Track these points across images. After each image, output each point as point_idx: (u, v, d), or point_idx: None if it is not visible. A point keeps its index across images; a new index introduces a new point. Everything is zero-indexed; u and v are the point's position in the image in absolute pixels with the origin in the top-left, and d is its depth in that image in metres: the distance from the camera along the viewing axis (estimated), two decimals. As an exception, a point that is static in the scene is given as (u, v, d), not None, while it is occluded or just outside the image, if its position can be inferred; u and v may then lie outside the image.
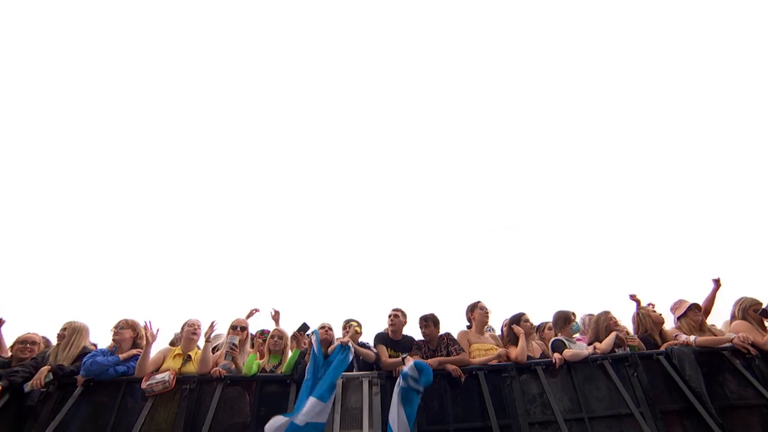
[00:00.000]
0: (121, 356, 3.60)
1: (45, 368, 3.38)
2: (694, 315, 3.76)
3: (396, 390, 3.26)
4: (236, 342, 3.64)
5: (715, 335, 3.67)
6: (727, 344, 3.51)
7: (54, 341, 4.04)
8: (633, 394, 3.34)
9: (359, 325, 4.15)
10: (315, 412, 3.08)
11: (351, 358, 3.42)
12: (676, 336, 3.72)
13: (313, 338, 3.59)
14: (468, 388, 3.48)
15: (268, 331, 4.19)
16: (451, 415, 3.35)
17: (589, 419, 3.25)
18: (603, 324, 3.84)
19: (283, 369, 3.55)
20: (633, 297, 4.04)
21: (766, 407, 3.21)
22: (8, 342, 4.06)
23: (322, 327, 3.94)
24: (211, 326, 3.66)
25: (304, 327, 3.74)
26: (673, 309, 3.92)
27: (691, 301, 3.85)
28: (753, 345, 3.45)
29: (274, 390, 3.54)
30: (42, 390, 3.30)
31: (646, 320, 3.85)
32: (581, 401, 3.36)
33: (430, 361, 3.52)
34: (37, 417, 3.25)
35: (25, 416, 3.31)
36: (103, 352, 3.62)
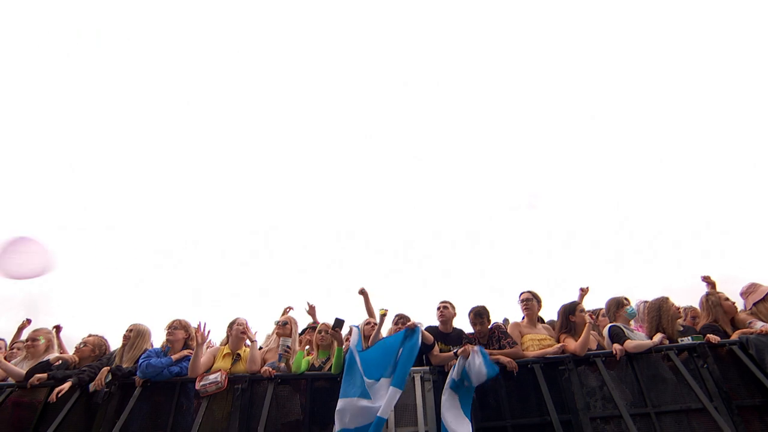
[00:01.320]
0: (174, 357, 3.66)
1: (105, 369, 3.50)
2: (772, 300, 3.45)
3: (448, 386, 3.17)
4: (289, 344, 3.62)
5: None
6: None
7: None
8: (704, 387, 3.13)
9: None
10: (394, 402, 3.01)
11: (420, 342, 3.31)
12: (751, 323, 3.44)
13: (354, 333, 3.52)
14: (523, 381, 3.36)
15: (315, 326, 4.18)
16: (508, 410, 3.25)
17: (656, 414, 3.08)
18: (664, 313, 3.59)
19: (332, 368, 3.50)
20: (706, 279, 3.72)
21: None
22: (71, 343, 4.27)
23: (368, 323, 3.88)
24: (247, 329, 3.72)
25: (339, 323, 3.65)
26: (746, 293, 3.62)
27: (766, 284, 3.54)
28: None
29: (324, 386, 3.54)
30: (105, 390, 3.42)
31: (717, 309, 3.56)
32: (645, 394, 3.18)
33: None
34: (105, 414, 3.39)
35: (93, 412, 3.46)
36: (156, 353, 3.70)
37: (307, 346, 4.13)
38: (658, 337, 3.36)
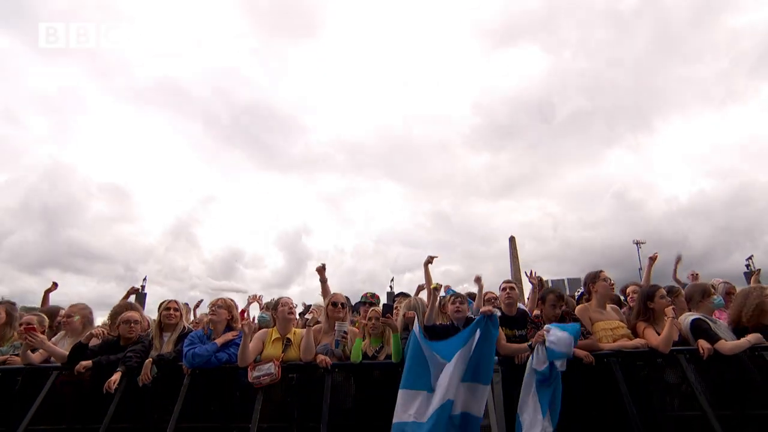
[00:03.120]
0: (218, 341, 3.42)
1: (149, 362, 3.29)
2: None
3: (529, 377, 2.95)
4: (346, 329, 3.37)
5: None
6: None
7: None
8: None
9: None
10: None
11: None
12: None
13: (416, 323, 3.22)
14: (597, 375, 3.16)
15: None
16: (579, 406, 3.09)
17: (741, 418, 2.93)
18: (755, 301, 3.26)
19: (393, 356, 3.27)
20: None
21: None
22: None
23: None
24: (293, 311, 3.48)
25: (388, 308, 3.42)
26: None
27: None
28: None
29: (379, 377, 3.39)
30: (150, 383, 3.24)
31: None
32: (729, 395, 3.00)
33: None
34: (156, 403, 3.28)
35: (141, 398, 3.32)
36: (199, 338, 3.47)
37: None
38: (755, 337, 3.06)
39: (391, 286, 57.84)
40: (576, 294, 4.47)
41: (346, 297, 3.90)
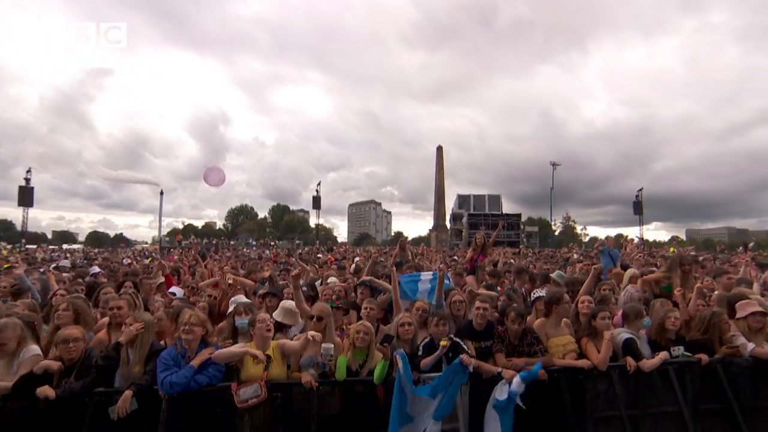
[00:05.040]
0: (195, 363, 3.29)
1: (128, 393, 3.07)
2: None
3: (495, 398, 3.44)
4: (332, 353, 3.43)
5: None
6: None
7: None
8: (683, 394, 3.80)
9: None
10: None
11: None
12: (733, 336, 4.00)
13: (401, 363, 3.42)
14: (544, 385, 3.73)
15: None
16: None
17: (642, 417, 3.77)
18: (657, 318, 3.99)
19: (376, 378, 3.49)
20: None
21: None
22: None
23: (402, 324, 3.74)
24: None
25: (388, 338, 3.60)
26: (739, 307, 4.06)
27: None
28: None
29: (361, 390, 3.63)
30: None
31: (714, 329, 4.01)
32: (639, 398, 3.81)
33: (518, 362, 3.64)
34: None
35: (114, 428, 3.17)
36: (173, 359, 3.29)
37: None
38: (664, 354, 3.79)
39: (317, 190, 57.54)
40: (529, 298, 4.84)
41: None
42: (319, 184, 55.60)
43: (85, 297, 4.65)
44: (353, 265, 7.52)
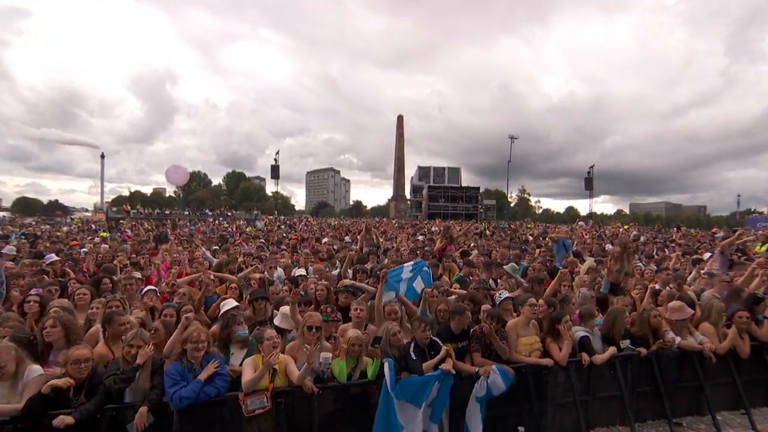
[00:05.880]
0: (202, 377, 3.47)
1: (143, 410, 3.23)
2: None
3: (476, 395, 3.97)
4: (330, 361, 3.74)
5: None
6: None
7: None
8: (625, 379, 4.57)
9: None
10: None
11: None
12: (665, 331, 4.79)
13: (387, 369, 3.80)
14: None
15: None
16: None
17: (592, 400, 4.51)
18: (618, 323, 4.69)
19: (370, 376, 3.88)
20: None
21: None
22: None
23: (393, 334, 4.11)
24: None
25: (377, 339, 4.01)
26: (672, 309, 4.86)
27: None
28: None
29: (355, 392, 4.01)
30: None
31: (645, 325, 4.78)
32: (590, 385, 4.53)
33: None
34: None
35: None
36: (180, 374, 3.46)
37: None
38: (612, 349, 4.50)
39: (275, 159, 56.03)
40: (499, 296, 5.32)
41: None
42: (277, 153, 54.15)
43: (67, 303, 4.59)
44: (336, 270, 7.67)
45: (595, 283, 6.65)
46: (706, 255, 9.60)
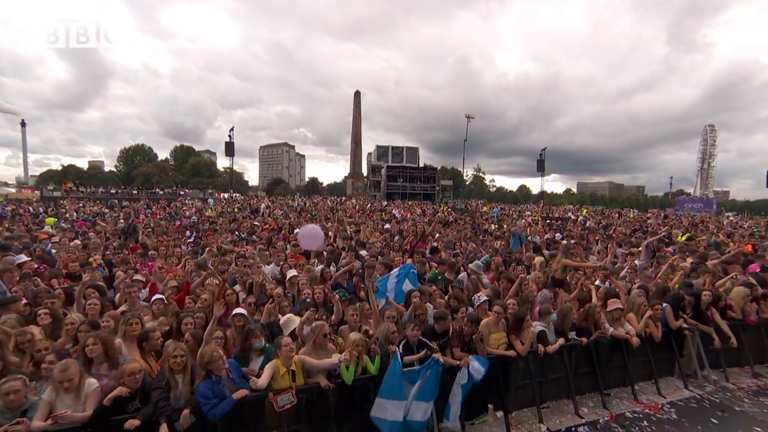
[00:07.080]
0: (235, 397, 3.99)
1: (186, 412, 3.79)
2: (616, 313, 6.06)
3: (459, 382, 4.89)
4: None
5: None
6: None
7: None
8: (570, 363, 5.76)
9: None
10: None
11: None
12: (603, 324, 6.02)
13: (398, 352, 4.63)
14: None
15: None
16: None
17: (546, 381, 5.66)
18: (567, 318, 5.85)
19: (373, 371, 4.70)
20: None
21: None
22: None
23: (393, 332, 4.92)
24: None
25: (375, 339, 4.80)
26: (608, 303, 6.12)
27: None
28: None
29: (357, 384, 4.80)
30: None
31: (590, 318, 5.99)
32: (544, 370, 5.67)
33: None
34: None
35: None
36: (212, 390, 3.98)
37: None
38: (561, 341, 5.64)
39: (230, 136, 53.78)
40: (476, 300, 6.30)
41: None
42: (232, 129, 52.13)
43: (97, 324, 4.84)
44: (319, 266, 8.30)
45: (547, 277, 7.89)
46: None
